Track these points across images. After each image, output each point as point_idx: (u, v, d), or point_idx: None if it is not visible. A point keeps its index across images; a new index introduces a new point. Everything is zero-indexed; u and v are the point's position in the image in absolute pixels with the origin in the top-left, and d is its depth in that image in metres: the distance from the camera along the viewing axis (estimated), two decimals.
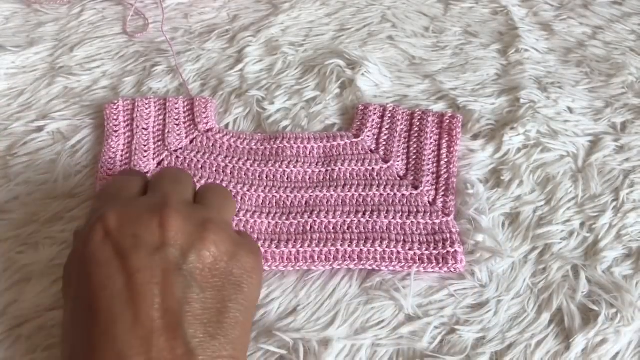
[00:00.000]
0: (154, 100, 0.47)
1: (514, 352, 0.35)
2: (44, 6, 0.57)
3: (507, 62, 0.53)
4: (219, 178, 0.42)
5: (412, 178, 0.43)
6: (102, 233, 0.28)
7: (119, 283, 0.27)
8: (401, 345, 0.36)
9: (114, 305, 0.26)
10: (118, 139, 0.44)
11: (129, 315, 0.26)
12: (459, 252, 0.39)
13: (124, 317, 0.26)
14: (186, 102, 0.47)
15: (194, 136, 0.45)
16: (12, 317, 0.36)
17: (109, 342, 0.25)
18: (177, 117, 0.46)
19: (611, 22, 0.58)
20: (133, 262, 0.27)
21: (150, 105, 0.46)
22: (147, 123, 0.45)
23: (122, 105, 0.46)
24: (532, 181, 0.44)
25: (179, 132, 0.45)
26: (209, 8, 0.59)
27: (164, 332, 0.26)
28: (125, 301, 0.26)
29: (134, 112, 0.46)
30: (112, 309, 0.26)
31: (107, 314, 0.26)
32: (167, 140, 0.44)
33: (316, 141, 0.45)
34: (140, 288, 0.26)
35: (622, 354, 0.35)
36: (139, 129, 0.45)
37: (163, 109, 0.46)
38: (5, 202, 0.42)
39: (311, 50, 0.54)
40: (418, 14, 0.59)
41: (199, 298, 0.27)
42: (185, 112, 0.46)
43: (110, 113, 0.46)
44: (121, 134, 0.45)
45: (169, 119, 0.46)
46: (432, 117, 0.46)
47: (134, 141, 0.44)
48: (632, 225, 0.41)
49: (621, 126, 0.48)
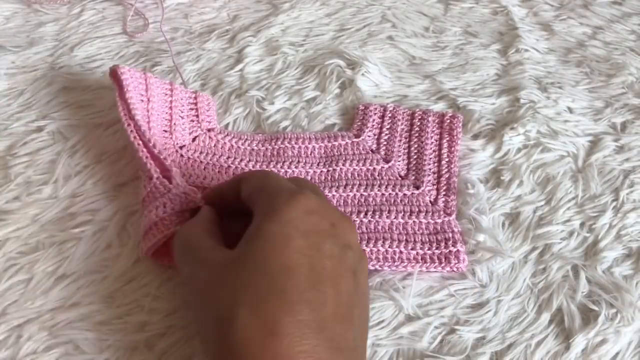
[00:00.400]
0: (161, 82, 0.44)
1: (514, 352, 0.35)
2: (44, 6, 0.57)
3: (507, 62, 0.53)
4: (222, 179, 0.42)
5: (413, 178, 0.43)
6: (305, 208, 0.29)
7: (315, 259, 0.28)
8: (401, 345, 0.36)
9: (300, 277, 0.27)
10: (142, 103, 0.41)
11: (315, 293, 0.27)
12: (461, 251, 0.39)
13: (311, 295, 0.27)
14: (191, 95, 0.46)
15: (197, 134, 0.45)
16: (12, 317, 0.36)
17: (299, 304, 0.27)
18: (182, 108, 0.45)
19: (611, 22, 0.58)
20: (328, 246, 0.29)
21: (159, 84, 0.44)
22: (159, 104, 0.43)
23: (137, 75, 0.42)
24: (532, 181, 0.44)
25: (183, 127, 0.44)
26: (209, 8, 0.59)
27: (341, 321, 0.28)
28: (313, 279, 0.27)
29: (148, 89, 0.43)
30: (299, 280, 0.27)
31: (294, 283, 0.27)
32: (174, 135, 0.43)
33: (317, 141, 0.45)
34: (331, 272, 0.28)
35: (622, 354, 0.35)
36: (153, 109, 0.42)
37: (170, 95, 0.45)
38: (5, 202, 0.42)
39: (311, 50, 0.54)
40: (418, 14, 0.59)
41: (360, 304, 0.30)
42: (189, 105, 0.46)
43: (124, 74, 0.41)
44: (143, 108, 0.41)
45: (174, 109, 0.44)
46: (432, 117, 0.46)
47: (151, 116, 0.41)
48: (632, 225, 0.41)
49: (621, 126, 0.48)
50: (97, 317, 0.36)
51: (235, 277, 0.28)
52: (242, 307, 0.26)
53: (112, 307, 0.36)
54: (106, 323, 0.36)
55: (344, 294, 0.29)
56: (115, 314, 0.36)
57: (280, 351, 0.25)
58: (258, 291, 0.27)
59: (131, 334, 0.35)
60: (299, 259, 0.28)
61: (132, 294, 0.37)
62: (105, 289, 0.37)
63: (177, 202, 0.36)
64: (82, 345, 0.35)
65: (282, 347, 0.25)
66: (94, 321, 0.36)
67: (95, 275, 0.38)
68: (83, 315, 0.36)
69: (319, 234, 0.29)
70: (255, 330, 0.26)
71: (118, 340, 0.35)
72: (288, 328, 0.26)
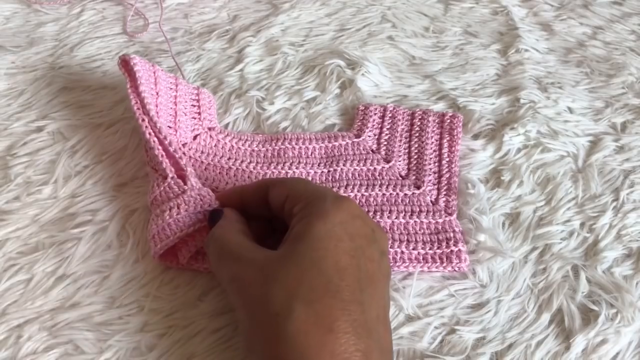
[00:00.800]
0: (167, 75, 0.44)
1: (514, 352, 0.35)
2: (44, 6, 0.57)
3: (507, 62, 0.53)
4: (222, 180, 0.42)
5: (414, 178, 0.43)
6: (351, 212, 0.30)
7: (361, 262, 0.29)
8: (401, 345, 0.36)
9: (351, 278, 0.28)
10: (151, 92, 0.40)
11: (364, 295, 0.28)
12: (462, 251, 0.38)
13: (362, 296, 0.28)
14: (194, 91, 0.46)
15: (198, 132, 0.44)
16: (12, 317, 0.36)
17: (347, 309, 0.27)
18: (185, 104, 0.44)
19: (611, 22, 0.58)
20: (371, 251, 0.30)
21: (166, 78, 0.43)
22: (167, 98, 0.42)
23: (147, 65, 0.42)
24: (532, 181, 0.44)
25: (186, 123, 0.44)
26: (209, 8, 0.59)
27: (383, 323, 0.29)
28: (361, 281, 0.28)
29: (157, 82, 0.42)
30: (350, 280, 0.28)
31: (347, 282, 0.28)
32: (179, 132, 0.43)
33: (317, 142, 0.45)
34: (373, 276, 0.29)
35: (622, 354, 0.35)
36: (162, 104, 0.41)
37: (175, 89, 0.44)
38: (5, 202, 0.42)
39: (311, 50, 0.54)
40: (418, 14, 0.59)
41: (389, 308, 0.32)
42: (192, 100, 0.45)
43: (137, 65, 0.41)
44: (149, 88, 0.40)
45: (179, 104, 0.44)
46: (432, 117, 0.46)
47: (159, 103, 0.41)
48: (632, 225, 0.41)
49: (621, 126, 0.48)
50: (97, 317, 0.36)
51: (288, 274, 0.28)
52: (298, 302, 0.27)
53: (112, 308, 0.36)
54: (106, 323, 0.36)
55: (383, 297, 0.30)
56: (115, 314, 0.36)
57: (338, 349, 0.26)
58: (313, 288, 0.27)
59: (131, 334, 0.35)
60: (349, 260, 0.29)
61: (132, 294, 0.37)
62: (105, 289, 0.37)
63: (191, 203, 0.36)
64: (82, 345, 0.35)
65: (340, 345, 0.26)
66: (94, 321, 0.36)
67: (95, 276, 0.38)
68: (83, 315, 0.36)
69: (363, 237, 0.30)
70: (312, 325, 0.26)
71: (118, 341, 0.35)
72: (344, 326, 0.26)
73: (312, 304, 0.27)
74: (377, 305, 0.29)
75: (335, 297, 0.27)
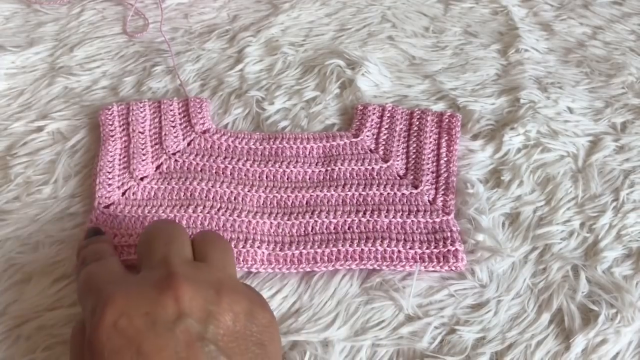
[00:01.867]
0: (149, 104, 0.47)
1: (514, 352, 0.35)
2: (44, 6, 0.57)
3: (507, 62, 0.53)
4: (219, 180, 0.42)
5: (412, 177, 0.43)
6: (112, 318, 0.26)
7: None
8: (401, 345, 0.36)
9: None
10: (115, 144, 0.44)
11: None
12: (459, 250, 0.39)
13: None
14: (181, 104, 0.47)
15: (191, 138, 0.45)
16: (12, 317, 0.36)
17: None
18: (172, 119, 0.46)
19: (611, 22, 0.58)
20: (151, 343, 0.25)
21: (145, 108, 0.46)
22: (143, 127, 0.45)
23: (116, 110, 0.46)
24: (532, 181, 0.44)
25: (175, 135, 0.45)
26: (209, 8, 0.59)
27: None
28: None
29: (129, 116, 0.45)
30: None
31: None
32: (165, 144, 0.44)
33: (315, 141, 0.45)
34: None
35: (622, 354, 0.35)
36: (135, 132, 0.45)
37: (158, 111, 0.46)
38: (5, 202, 0.42)
39: (311, 50, 0.54)
40: (418, 14, 0.59)
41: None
42: (180, 114, 0.46)
43: (105, 118, 0.45)
44: (117, 138, 0.44)
45: (164, 121, 0.45)
46: (431, 116, 0.46)
47: (131, 145, 0.44)
48: (632, 225, 0.41)
49: (621, 126, 0.48)
50: None
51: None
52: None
53: None
54: None
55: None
56: None
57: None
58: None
59: None
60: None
61: None
62: None
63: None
64: None
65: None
66: None
67: None
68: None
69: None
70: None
71: None
72: None
73: None
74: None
75: None
